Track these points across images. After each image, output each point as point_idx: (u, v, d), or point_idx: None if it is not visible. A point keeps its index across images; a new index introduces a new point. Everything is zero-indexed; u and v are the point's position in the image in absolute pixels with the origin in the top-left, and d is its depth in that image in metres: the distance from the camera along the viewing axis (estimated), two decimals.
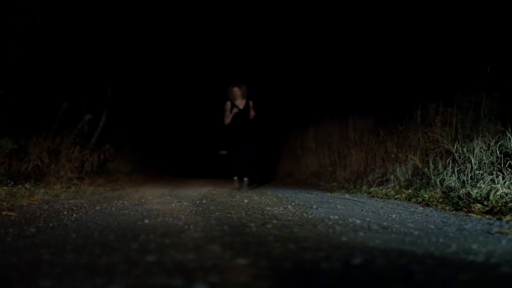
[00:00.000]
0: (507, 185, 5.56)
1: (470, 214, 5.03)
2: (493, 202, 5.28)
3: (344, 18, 13.79)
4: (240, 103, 11.31)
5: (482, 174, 6.18)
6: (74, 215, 4.64)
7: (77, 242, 3.07)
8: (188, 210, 5.35)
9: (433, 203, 6.08)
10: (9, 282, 1.96)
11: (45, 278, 2.02)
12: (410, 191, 7.33)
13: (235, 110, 11.14)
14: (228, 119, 11.16)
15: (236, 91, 11.27)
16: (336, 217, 4.72)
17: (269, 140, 19.74)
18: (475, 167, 6.42)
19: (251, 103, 11.35)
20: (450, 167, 6.89)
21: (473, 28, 9.27)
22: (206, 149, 24.49)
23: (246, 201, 6.88)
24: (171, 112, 19.32)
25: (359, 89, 12.75)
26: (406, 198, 6.95)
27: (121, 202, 6.43)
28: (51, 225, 3.88)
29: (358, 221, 4.36)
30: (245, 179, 11.09)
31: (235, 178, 11.24)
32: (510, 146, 6.24)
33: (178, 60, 17.76)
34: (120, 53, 13.51)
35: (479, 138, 6.65)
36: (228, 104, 11.32)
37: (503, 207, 5.01)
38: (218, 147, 11.58)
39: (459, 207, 5.48)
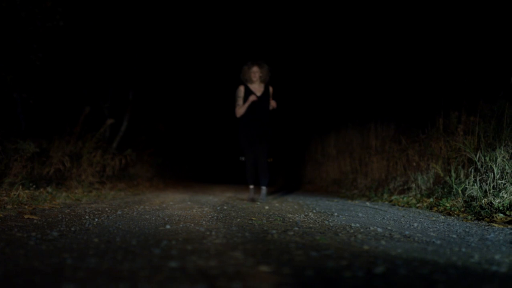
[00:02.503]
0: None
1: (492, 224, 4.99)
2: None
3: (368, 26, 13.78)
4: (258, 89, 9.04)
5: (504, 184, 6.14)
6: (96, 220, 4.66)
7: (100, 246, 3.09)
8: (209, 216, 5.35)
9: (455, 212, 6.04)
10: (33, 286, 1.97)
11: (68, 283, 2.03)
12: (431, 200, 7.29)
13: (252, 98, 8.82)
14: (241, 110, 8.90)
15: (255, 72, 8.96)
16: (358, 225, 4.70)
17: (290, 146, 19.74)
18: (498, 176, 6.37)
19: (271, 89, 9.11)
20: (472, 176, 6.84)
21: (496, 37, 9.23)
22: (227, 155, 24.54)
23: (267, 207, 6.88)
24: (192, 117, 19.39)
25: (380, 96, 12.73)
26: (427, 207, 6.91)
27: (142, 207, 6.45)
28: (73, 229, 3.90)
29: (379, 230, 4.34)
30: (264, 188, 8.92)
31: (251, 187, 9.10)
32: None
33: (201, 66, 17.82)
34: (142, 58, 13.58)
35: (502, 147, 6.60)
36: (242, 89, 9.00)
37: None
38: (239, 152, 9.39)
39: (481, 217, 5.43)
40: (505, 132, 6.95)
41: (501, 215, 5.28)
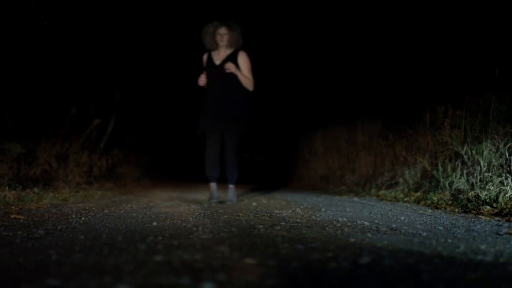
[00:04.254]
0: None
1: (479, 216, 5.01)
2: (502, 204, 5.26)
3: (352, 21, 13.80)
4: (221, 56, 7.32)
5: (491, 177, 6.16)
6: (83, 218, 4.65)
7: (85, 243, 3.08)
8: (197, 213, 5.35)
9: (442, 206, 6.06)
10: (17, 281, 1.96)
11: (52, 278, 2.02)
12: (419, 194, 7.31)
13: (200, 80, 7.38)
14: (201, 81, 7.35)
15: (223, 34, 7.23)
16: (345, 219, 4.71)
17: (278, 143, 19.75)
18: (484, 169, 6.40)
19: (243, 56, 7.26)
20: (459, 169, 6.87)
21: (482, 31, 9.26)
22: None
23: (254, 204, 6.88)
24: (179, 117, 19.37)
25: (367, 92, 12.76)
26: (415, 201, 6.94)
27: (129, 205, 6.44)
28: (59, 227, 3.89)
29: (366, 223, 4.35)
30: (231, 186, 7.47)
31: (212, 184, 7.49)
32: None
33: (186, 66, 17.81)
34: (128, 58, 13.55)
35: (488, 141, 6.63)
36: (204, 58, 7.51)
37: None
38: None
39: (468, 210, 5.46)
40: (492, 126, 6.98)
41: (488, 207, 5.31)
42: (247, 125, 7.43)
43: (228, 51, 7.29)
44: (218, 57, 7.32)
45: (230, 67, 7.07)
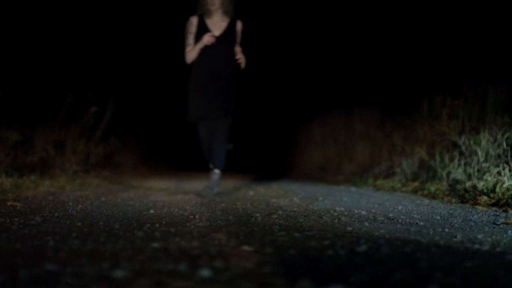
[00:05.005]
0: None
1: (476, 206, 5.02)
2: (500, 194, 5.26)
3: (350, 8, 13.76)
4: (218, 25, 6.47)
5: (488, 167, 6.17)
6: (80, 206, 4.65)
7: (82, 230, 3.08)
8: (194, 201, 5.35)
9: (439, 196, 6.06)
10: (14, 266, 1.96)
11: (50, 263, 2.02)
12: (416, 184, 7.31)
13: (208, 37, 6.31)
14: (193, 53, 6.43)
15: None
16: (342, 208, 4.71)
17: (275, 132, 19.72)
18: (482, 159, 6.40)
19: (239, 25, 6.55)
20: (456, 159, 6.87)
21: (480, 21, 9.25)
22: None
23: (251, 193, 6.88)
24: (176, 105, 19.32)
25: (364, 81, 12.72)
26: (412, 191, 6.94)
27: (126, 194, 6.45)
28: (56, 214, 3.88)
29: (363, 212, 4.36)
30: (216, 171, 6.50)
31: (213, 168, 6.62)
32: None
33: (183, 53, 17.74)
34: (126, 46, 13.51)
35: (486, 131, 6.63)
36: (194, 22, 6.50)
37: (509, 200, 4.99)
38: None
39: (465, 200, 5.46)
40: (489, 116, 6.98)
41: (485, 197, 5.31)
42: (237, 111, 6.64)
43: (225, 20, 6.45)
44: (215, 26, 6.43)
45: (242, 58, 6.44)
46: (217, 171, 6.53)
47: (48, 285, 1.66)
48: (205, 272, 1.90)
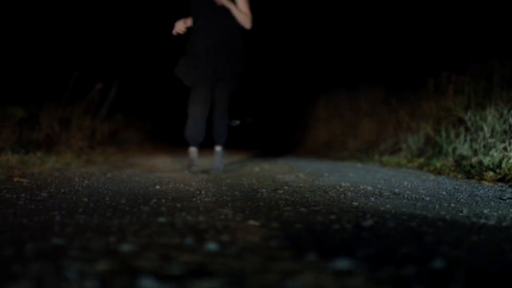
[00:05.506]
0: None
1: (482, 181, 5.01)
2: (506, 170, 5.26)
3: None
4: None
5: (494, 142, 6.15)
6: (85, 182, 4.65)
7: (89, 205, 3.08)
8: (199, 177, 5.35)
9: (445, 171, 6.05)
10: (21, 241, 1.97)
11: (56, 237, 2.02)
12: (422, 159, 7.31)
13: (177, 27, 6.11)
14: (180, 26, 6.11)
15: None
16: (348, 184, 4.71)
17: (280, 109, 19.69)
18: (488, 135, 6.39)
19: None
20: (462, 135, 6.86)
21: None
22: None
23: (257, 169, 6.88)
24: (181, 82, 19.22)
25: (370, 58, 12.67)
26: (418, 167, 6.93)
27: (132, 170, 6.45)
28: (62, 190, 3.89)
29: (369, 188, 4.35)
30: (219, 149, 6.32)
31: (192, 148, 6.26)
32: None
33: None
34: (132, 23, 13.46)
35: (492, 107, 6.61)
36: None
37: None
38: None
39: (471, 175, 5.45)
40: (495, 92, 6.95)
41: (491, 173, 5.30)
42: (243, 74, 6.21)
43: None
44: None
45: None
46: (218, 148, 6.31)
47: (55, 258, 1.66)
48: (211, 246, 1.90)
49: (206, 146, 6.66)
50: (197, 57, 5.98)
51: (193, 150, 6.21)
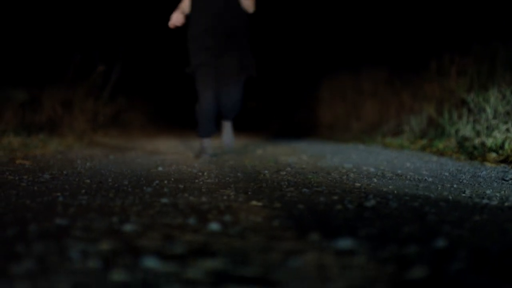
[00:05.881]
0: None
1: (485, 162, 5.01)
2: (508, 151, 5.25)
3: None
4: None
5: (497, 124, 6.14)
6: (88, 164, 4.65)
7: (91, 187, 3.09)
8: (202, 159, 5.35)
9: (448, 153, 6.05)
10: (25, 221, 1.97)
11: (60, 218, 2.03)
12: (424, 141, 7.29)
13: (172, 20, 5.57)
14: (176, 18, 5.55)
15: None
16: (350, 165, 4.71)
17: (283, 92, 19.65)
18: (491, 116, 6.37)
19: None
20: (465, 117, 6.84)
21: None
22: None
23: (260, 151, 6.88)
24: (184, 66, 19.18)
25: (373, 39, 12.62)
26: (420, 148, 6.92)
27: (134, 152, 6.46)
28: (65, 172, 3.89)
29: (372, 169, 4.35)
30: (228, 124, 5.85)
31: (205, 139, 5.67)
32: None
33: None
34: (135, 5, 13.42)
35: (495, 88, 6.59)
36: None
37: None
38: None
39: (473, 157, 5.45)
40: (498, 73, 6.93)
41: (494, 154, 5.29)
42: (254, 64, 5.79)
43: None
44: None
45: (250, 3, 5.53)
46: (227, 122, 5.82)
47: (58, 238, 1.67)
48: (214, 226, 1.91)
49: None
50: (202, 43, 5.53)
51: (206, 140, 5.69)
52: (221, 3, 5.48)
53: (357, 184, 3.32)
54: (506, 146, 5.35)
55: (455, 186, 3.32)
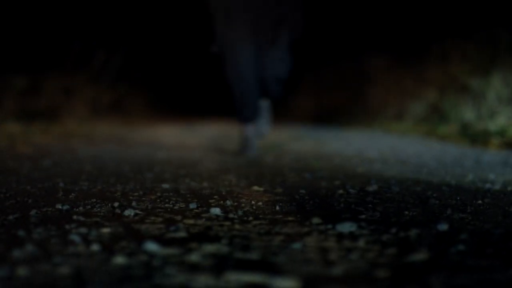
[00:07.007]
0: None
1: (487, 148, 5.00)
2: (511, 136, 5.24)
3: None
4: None
5: (500, 109, 6.12)
6: (89, 150, 4.65)
7: (92, 173, 3.08)
8: (204, 146, 5.35)
9: (451, 138, 6.04)
10: (26, 206, 1.97)
11: (61, 203, 2.02)
12: (427, 126, 7.28)
13: None
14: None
15: None
16: (353, 151, 4.70)
17: (286, 78, 19.58)
18: (493, 102, 6.35)
19: None
20: (467, 102, 6.83)
21: None
22: (224, 86, 24.27)
23: None
24: (186, 51, 19.16)
25: (375, 25, 12.57)
26: (423, 134, 6.91)
27: (135, 138, 6.45)
28: (65, 159, 3.89)
29: (374, 155, 4.35)
30: (264, 104, 4.65)
31: (248, 126, 4.40)
32: None
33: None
34: None
35: (498, 73, 6.56)
36: None
37: None
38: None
39: (476, 142, 5.44)
40: (501, 58, 6.91)
41: (497, 139, 5.28)
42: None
43: None
44: None
45: None
46: (264, 103, 4.67)
47: (60, 223, 1.66)
48: (216, 211, 1.90)
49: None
50: (235, 12, 4.50)
51: (247, 128, 4.44)
52: None
53: (360, 170, 3.32)
54: (509, 131, 5.34)
55: (458, 171, 3.31)
